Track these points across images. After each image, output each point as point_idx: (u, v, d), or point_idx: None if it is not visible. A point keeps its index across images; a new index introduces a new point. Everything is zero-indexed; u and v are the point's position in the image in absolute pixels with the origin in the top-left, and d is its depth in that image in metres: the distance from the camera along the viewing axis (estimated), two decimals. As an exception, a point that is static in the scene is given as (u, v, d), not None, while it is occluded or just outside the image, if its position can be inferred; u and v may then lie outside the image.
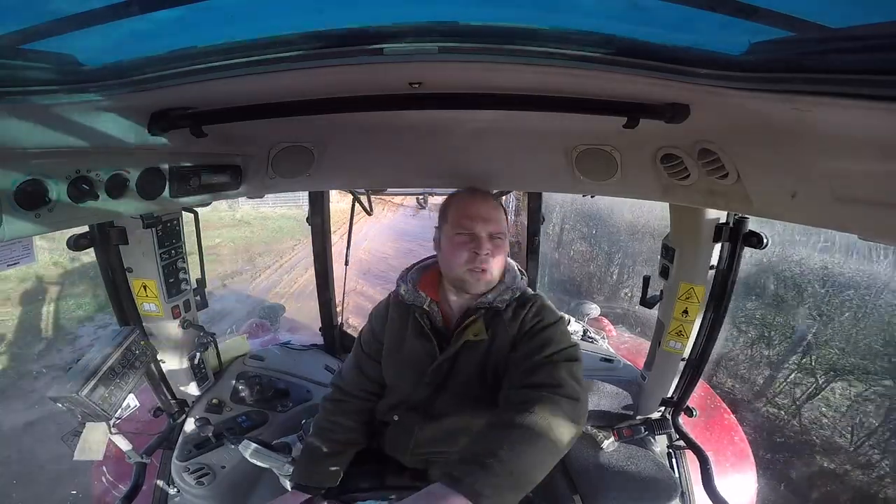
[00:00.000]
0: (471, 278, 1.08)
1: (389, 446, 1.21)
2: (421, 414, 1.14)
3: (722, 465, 1.83)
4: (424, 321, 1.14)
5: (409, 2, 0.54)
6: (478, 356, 1.10)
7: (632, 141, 1.08)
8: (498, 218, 1.10)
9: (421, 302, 1.15)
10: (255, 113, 0.83)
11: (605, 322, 3.22)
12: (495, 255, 1.08)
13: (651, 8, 0.49)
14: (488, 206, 1.10)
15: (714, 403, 2.18)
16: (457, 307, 1.16)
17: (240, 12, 0.54)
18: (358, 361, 1.27)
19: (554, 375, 0.95)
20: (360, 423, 1.23)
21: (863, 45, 0.42)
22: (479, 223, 1.07)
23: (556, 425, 0.85)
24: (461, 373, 1.11)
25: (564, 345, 1.03)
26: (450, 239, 1.10)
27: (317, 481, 1.15)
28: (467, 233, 1.07)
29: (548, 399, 0.89)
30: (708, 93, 0.62)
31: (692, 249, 1.41)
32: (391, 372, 1.20)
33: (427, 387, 1.13)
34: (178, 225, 1.44)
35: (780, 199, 0.80)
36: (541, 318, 1.09)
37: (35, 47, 0.50)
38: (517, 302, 1.13)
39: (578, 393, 0.94)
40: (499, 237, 1.09)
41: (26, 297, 7.28)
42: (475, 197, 1.13)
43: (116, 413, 1.17)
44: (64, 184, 0.72)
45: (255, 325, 3.29)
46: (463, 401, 1.11)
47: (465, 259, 1.07)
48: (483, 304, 1.11)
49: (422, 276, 1.21)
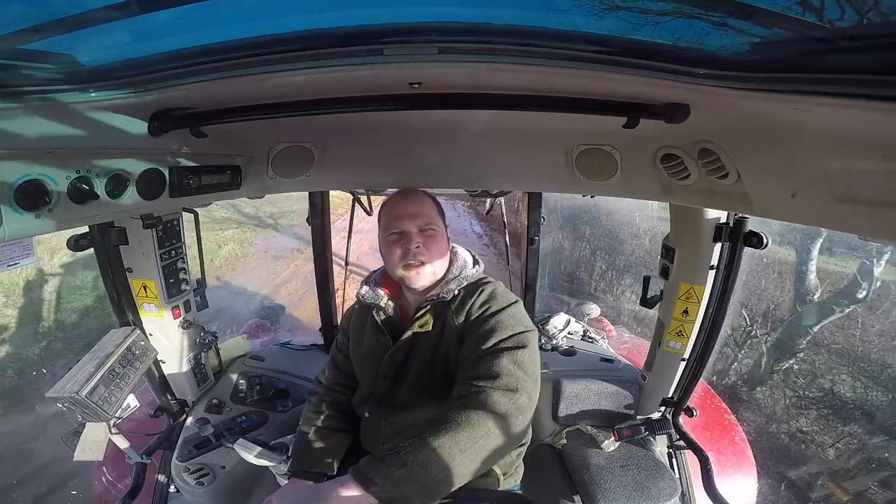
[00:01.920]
0: (408, 273, 1.11)
1: (364, 441, 1.24)
2: (385, 408, 1.16)
3: (722, 465, 1.83)
4: (379, 316, 1.20)
5: (409, 2, 0.54)
6: (427, 348, 1.11)
7: (632, 141, 1.08)
8: (426, 212, 1.13)
9: (378, 299, 1.20)
10: (255, 113, 0.83)
11: (605, 322, 3.21)
12: (429, 246, 1.11)
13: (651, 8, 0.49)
14: (414, 202, 1.14)
15: (714, 403, 2.18)
16: (413, 303, 1.20)
17: (240, 12, 0.54)
18: (333, 357, 1.36)
19: (493, 367, 0.93)
20: (339, 413, 1.28)
21: (863, 45, 0.42)
22: (405, 220, 1.11)
23: (480, 419, 0.84)
24: (413, 365, 1.13)
25: (511, 332, 1.01)
26: (384, 241, 1.15)
27: (311, 466, 1.17)
28: (398, 232, 1.12)
29: (479, 392, 0.89)
30: (708, 93, 0.62)
31: (692, 249, 1.41)
32: (357, 367, 1.27)
33: (385, 379, 1.16)
34: (178, 225, 1.44)
35: (780, 199, 0.79)
36: (488, 306, 1.08)
37: (35, 47, 0.50)
38: (465, 291, 1.14)
39: (517, 383, 0.91)
40: (430, 229, 1.12)
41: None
42: (401, 197, 1.18)
43: (116, 413, 1.17)
44: (64, 184, 0.71)
45: (255, 325, 3.29)
46: (419, 393, 1.12)
47: (398, 256, 1.11)
48: (431, 298, 1.13)
49: (385, 276, 1.27)
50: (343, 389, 1.32)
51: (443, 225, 1.18)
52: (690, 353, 1.54)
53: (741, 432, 2.07)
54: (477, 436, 0.83)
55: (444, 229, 1.18)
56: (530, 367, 0.96)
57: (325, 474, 1.17)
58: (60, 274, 6.76)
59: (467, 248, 1.29)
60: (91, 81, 0.59)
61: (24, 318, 6.06)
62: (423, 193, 1.20)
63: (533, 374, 0.96)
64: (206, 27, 0.54)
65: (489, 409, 0.86)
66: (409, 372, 1.14)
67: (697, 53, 0.53)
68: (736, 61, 0.51)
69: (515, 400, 0.89)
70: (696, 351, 1.53)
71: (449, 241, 1.21)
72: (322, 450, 1.20)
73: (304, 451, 1.20)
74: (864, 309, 5.34)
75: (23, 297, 6.42)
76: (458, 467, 0.80)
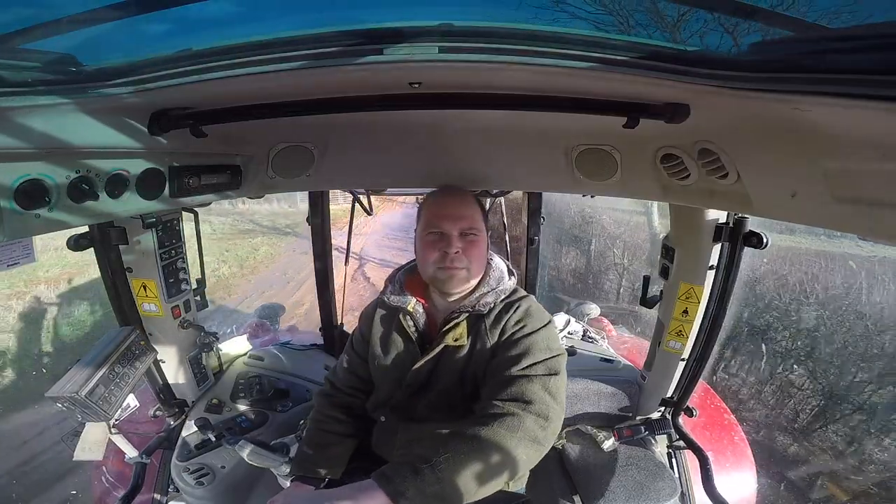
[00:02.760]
0: (442, 276, 1.06)
1: (377, 445, 1.21)
2: (403, 416, 1.13)
3: (722, 465, 1.83)
4: (408, 323, 1.13)
5: (409, 3, 0.54)
6: (458, 362, 1.06)
7: (632, 141, 1.08)
8: (470, 214, 1.07)
9: (406, 303, 1.13)
10: (255, 113, 0.83)
11: (605, 322, 3.22)
12: (468, 252, 1.05)
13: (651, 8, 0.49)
14: (458, 203, 1.08)
15: (714, 403, 2.18)
16: (442, 310, 1.14)
17: (240, 13, 0.54)
18: (349, 359, 1.28)
19: (526, 390, 0.92)
20: (350, 417, 1.23)
21: (863, 45, 0.42)
22: (447, 221, 1.05)
23: (514, 444, 0.83)
24: (441, 378, 1.08)
25: (545, 355, 0.99)
26: (421, 239, 1.09)
27: (314, 472, 1.14)
28: (437, 232, 1.06)
29: (512, 415, 0.87)
30: (708, 93, 0.62)
31: (692, 249, 1.41)
32: (376, 373, 1.20)
33: (408, 389, 1.11)
34: (178, 225, 1.44)
35: (780, 199, 0.79)
36: (523, 325, 1.04)
37: (35, 47, 0.50)
38: (502, 305, 1.09)
39: (549, 411, 0.90)
40: (471, 233, 1.06)
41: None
42: (445, 195, 1.12)
43: (116, 413, 1.17)
44: (64, 184, 0.71)
45: (255, 325, 3.29)
46: (443, 406, 1.08)
47: (435, 258, 1.05)
48: (465, 308, 1.08)
49: (409, 277, 1.19)
50: (356, 393, 1.26)
51: (485, 229, 1.12)
52: (690, 353, 1.54)
53: (741, 432, 2.07)
54: (508, 460, 0.83)
55: (486, 234, 1.11)
56: (560, 394, 0.95)
57: (327, 479, 1.14)
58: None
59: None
60: (91, 81, 0.59)
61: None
62: (469, 194, 1.14)
63: (561, 402, 0.95)
64: (206, 27, 0.54)
65: (523, 435, 0.85)
66: (435, 385, 1.09)
67: (697, 53, 0.54)
68: (736, 61, 0.51)
69: (546, 427, 0.88)
70: (695, 351, 1.53)
71: (489, 246, 1.15)
72: (328, 455, 1.16)
73: (309, 456, 1.16)
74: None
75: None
76: (485, 489, 0.81)
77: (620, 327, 3.52)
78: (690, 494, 1.55)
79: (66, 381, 1.07)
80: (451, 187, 1.17)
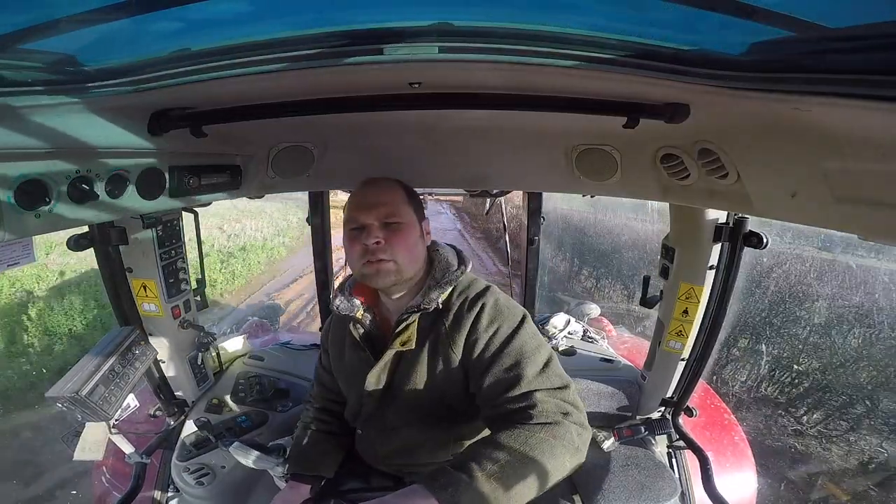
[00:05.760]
0: (367, 271, 0.97)
1: (361, 453, 1.20)
2: (376, 427, 1.10)
3: (722, 465, 1.83)
4: (357, 331, 1.07)
5: (409, 2, 0.54)
6: (416, 366, 1.00)
7: (632, 141, 1.08)
8: (388, 200, 0.98)
9: (353, 310, 1.06)
10: (255, 113, 0.83)
11: (605, 322, 3.21)
12: (391, 241, 0.95)
13: (651, 8, 0.49)
14: (376, 191, 0.99)
15: (714, 403, 2.18)
16: (393, 311, 1.07)
17: (240, 13, 0.54)
18: (317, 375, 1.29)
19: (558, 404, 0.86)
20: (336, 418, 1.24)
21: (863, 45, 0.42)
22: (364, 211, 0.96)
23: (564, 451, 0.80)
24: (402, 384, 1.02)
25: (544, 357, 0.93)
26: (345, 239, 1.01)
27: (309, 469, 1.14)
28: (357, 226, 0.98)
29: (561, 424, 0.82)
30: (708, 93, 0.62)
31: (692, 249, 1.41)
32: (342, 385, 1.18)
33: (371, 398, 1.05)
34: (178, 225, 1.44)
35: (780, 199, 0.80)
36: (499, 325, 0.95)
37: (35, 47, 0.50)
38: (459, 302, 1.00)
39: (584, 419, 0.86)
40: (394, 222, 0.96)
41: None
42: (365, 186, 1.03)
43: (116, 413, 1.17)
44: (64, 184, 0.71)
45: (255, 325, 3.29)
46: (414, 413, 1.03)
47: (357, 254, 0.97)
48: (412, 308, 0.99)
49: (359, 282, 1.11)
50: (334, 406, 1.26)
51: (413, 215, 1.01)
52: (690, 353, 1.54)
53: (741, 432, 2.07)
54: (559, 468, 0.80)
55: (415, 220, 1.01)
56: (579, 402, 0.90)
57: (322, 478, 1.15)
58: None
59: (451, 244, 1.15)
60: (91, 81, 0.59)
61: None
62: (389, 180, 1.04)
63: (582, 409, 0.90)
64: (206, 27, 0.54)
65: (569, 443, 0.81)
66: (398, 392, 1.03)
67: (697, 53, 0.53)
68: (736, 61, 0.51)
69: (582, 434, 0.84)
70: (695, 351, 1.53)
71: (427, 235, 1.06)
72: (320, 453, 1.17)
73: (301, 454, 1.17)
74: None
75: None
76: (532, 496, 0.78)
77: (620, 327, 3.51)
78: (690, 494, 1.55)
79: (66, 381, 1.07)
80: (371, 179, 1.06)
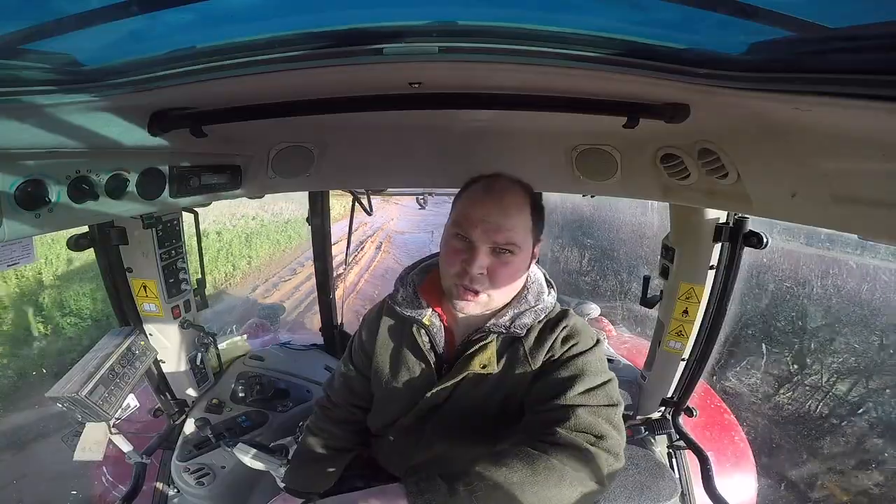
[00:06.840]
0: (455, 295, 0.86)
1: (385, 461, 1.11)
2: (414, 438, 0.99)
3: (722, 465, 1.83)
4: (423, 340, 0.94)
5: (409, 2, 0.54)
6: (484, 388, 0.90)
7: (632, 141, 1.08)
8: (511, 226, 0.83)
9: (420, 314, 0.93)
10: (255, 113, 0.82)
11: (605, 322, 3.22)
12: (495, 274, 0.84)
13: (651, 8, 0.49)
14: (499, 209, 0.84)
15: (714, 403, 2.18)
16: (464, 323, 0.94)
17: (240, 12, 0.54)
18: (346, 373, 1.10)
19: (594, 423, 0.77)
20: (350, 433, 1.13)
21: (863, 45, 0.42)
22: (477, 229, 0.83)
23: (579, 481, 0.70)
24: (460, 404, 0.93)
25: (602, 379, 0.84)
26: (446, 239, 0.89)
27: (307, 486, 1.10)
28: (464, 238, 0.85)
29: (586, 450, 0.73)
30: (708, 93, 0.62)
31: (692, 249, 1.41)
32: (381, 392, 1.03)
33: (418, 410, 0.96)
34: (178, 225, 1.44)
35: (779, 199, 0.80)
36: (574, 343, 0.89)
37: (35, 47, 0.50)
38: (542, 325, 0.92)
39: (619, 447, 0.77)
40: (507, 250, 0.83)
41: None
42: (488, 191, 0.86)
43: (116, 413, 1.17)
44: (64, 184, 0.71)
45: (255, 325, 3.29)
46: (459, 431, 0.95)
47: (455, 271, 0.85)
48: (496, 329, 0.89)
49: (426, 277, 0.99)
50: (355, 410, 1.12)
51: (530, 240, 0.88)
52: (690, 353, 1.54)
53: (741, 432, 2.07)
54: (572, 498, 0.70)
55: (530, 246, 0.88)
56: (623, 430, 0.81)
57: (319, 494, 1.09)
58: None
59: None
60: (91, 81, 0.59)
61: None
62: (517, 191, 0.87)
63: (625, 437, 0.81)
64: (205, 27, 0.54)
65: (590, 472, 0.72)
66: (452, 410, 0.94)
67: (697, 53, 0.53)
68: (736, 61, 0.51)
69: (614, 466, 0.75)
70: (695, 351, 1.53)
71: (533, 258, 0.93)
72: (320, 469, 1.10)
73: (301, 470, 1.12)
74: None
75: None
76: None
77: (620, 327, 3.52)
78: (691, 494, 1.55)
79: (67, 381, 1.07)
80: (499, 179, 0.89)
